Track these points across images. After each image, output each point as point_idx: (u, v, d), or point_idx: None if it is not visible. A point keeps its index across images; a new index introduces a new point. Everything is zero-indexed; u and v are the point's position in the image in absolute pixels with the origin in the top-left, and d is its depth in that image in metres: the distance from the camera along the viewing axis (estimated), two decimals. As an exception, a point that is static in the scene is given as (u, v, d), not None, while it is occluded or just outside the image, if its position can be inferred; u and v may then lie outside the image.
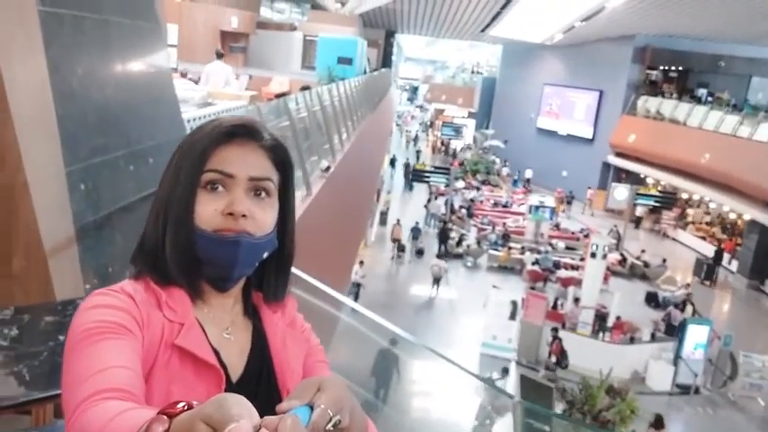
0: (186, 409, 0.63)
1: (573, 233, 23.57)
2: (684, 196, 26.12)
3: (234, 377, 0.96)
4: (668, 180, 25.25)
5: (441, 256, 19.63)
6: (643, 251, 21.62)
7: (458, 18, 28.77)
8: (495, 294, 15.20)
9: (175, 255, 0.95)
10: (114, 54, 3.13)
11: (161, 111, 3.68)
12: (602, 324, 14.90)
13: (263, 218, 0.96)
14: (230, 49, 16.85)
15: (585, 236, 22.00)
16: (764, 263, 20.63)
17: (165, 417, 0.62)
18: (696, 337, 13.75)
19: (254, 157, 0.97)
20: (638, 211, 26.46)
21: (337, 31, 20.96)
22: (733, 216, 23.79)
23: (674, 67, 29.33)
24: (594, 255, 15.65)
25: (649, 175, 26.46)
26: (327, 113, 9.10)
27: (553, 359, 13.22)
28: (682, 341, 13.68)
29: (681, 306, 16.65)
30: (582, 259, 18.80)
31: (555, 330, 13.74)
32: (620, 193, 24.36)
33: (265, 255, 0.99)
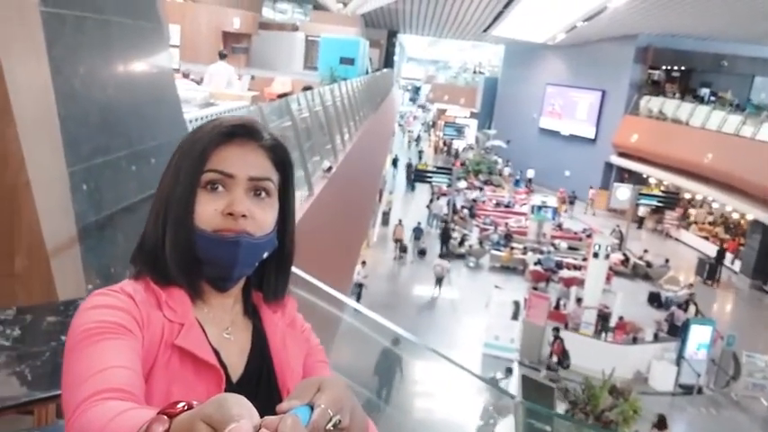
0: (186, 409, 0.63)
1: (575, 233, 23.56)
2: (687, 196, 26.08)
3: (234, 377, 0.96)
4: (671, 180, 25.21)
5: (443, 256, 19.63)
6: (646, 251, 21.59)
7: (460, 18, 28.76)
8: (497, 294, 15.19)
9: (175, 255, 0.94)
10: (116, 54, 3.14)
11: (163, 111, 3.69)
12: (604, 324, 14.89)
13: (262, 218, 0.96)
14: (232, 49, 16.85)
15: (588, 236, 21.98)
16: (767, 263, 20.60)
17: (165, 417, 0.62)
18: (699, 337, 13.72)
19: (253, 156, 0.97)
20: (641, 212, 26.42)
21: (339, 31, 20.96)
22: (736, 216, 23.75)
23: (676, 67, 29.29)
24: (597, 255, 15.65)
25: (652, 174, 26.43)
26: (329, 114, 9.10)
27: (554, 359, 13.21)
28: (684, 341, 13.66)
29: (684, 306, 16.63)
30: (584, 259, 18.79)
31: (556, 330, 13.73)
32: (623, 193, 24.32)
33: (265, 255, 0.99)
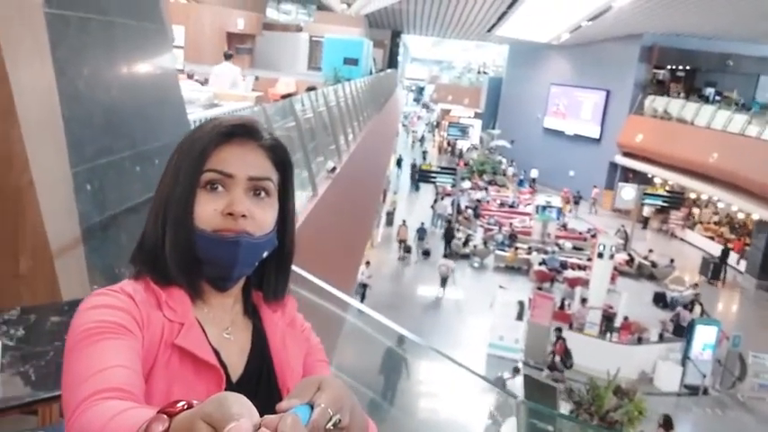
0: (186, 408, 0.63)
1: (580, 233, 23.50)
2: (692, 196, 26.00)
3: (234, 377, 0.96)
4: (676, 180, 25.13)
5: (447, 256, 19.63)
6: (651, 251, 21.53)
7: (464, 18, 28.75)
8: (501, 295, 15.16)
9: (175, 255, 0.95)
10: (120, 56, 3.15)
11: (167, 112, 3.69)
12: (609, 324, 14.85)
13: (262, 218, 0.96)
14: (236, 50, 16.88)
15: (593, 236, 21.93)
16: (773, 263, 20.53)
17: (164, 416, 0.62)
18: (704, 337, 13.67)
19: (253, 156, 0.97)
20: (646, 211, 26.34)
21: (343, 31, 20.98)
22: (741, 216, 23.66)
23: (681, 67, 29.18)
24: (602, 255, 15.61)
25: (657, 174, 26.34)
26: (333, 114, 9.11)
27: (557, 359, 13.18)
28: (690, 342, 13.61)
29: (689, 306, 16.57)
30: (589, 259, 18.75)
31: (558, 330, 13.71)
32: (628, 192, 24.26)
33: (265, 254, 0.99)
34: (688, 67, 29.11)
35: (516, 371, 11.85)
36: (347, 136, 10.12)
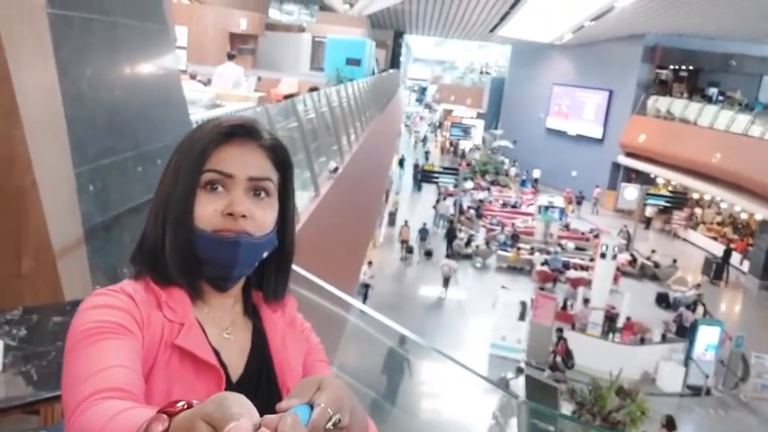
0: (186, 407, 0.63)
1: (582, 233, 23.47)
2: (695, 196, 25.95)
3: (234, 377, 0.96)
4: (679, 180, 25.09)
5: (449, 256, 19.62)
6: (653, 251, 21.49)
7: (466, 18, 28.74)
8: (504, 295, 15.15)
9: (175, 255, 0.95)
10: (123, 56, 3.15)
11: (169, 112, 3.70)
12: (611, 325, 14.83)
13: (262, 218, 0.96)
14: (239, 50, 16.90)
15: (595, 236, 21.91)
16: (776, 263, 20.48)
17: (164, 415, 0.62)
18: (707, 338, 13.65)
19: (253, 156, 0.97)
20: (648, 212, 26.31)
21: (346, 32, 20.97)
22: (744, 216, 23.61)
23: (684, 67, 29.13)
24: (604, 255, 15.59)
25: (660, 174, 26.30)
26: (336, 115, 9.11)
27: (558, 359, 13.16)
28: (693, 342, 13.59)
29: (692, 307, 16.54)
30: (592, 260, 18.72)
31: (560, 331, 13.69)
32: (630, 193, 24.22)
33: (265, 254, 0.99)
34: (691, 68, 29.06)
35: (520, 371, 11.84)
36: (349, 136, 10.12)
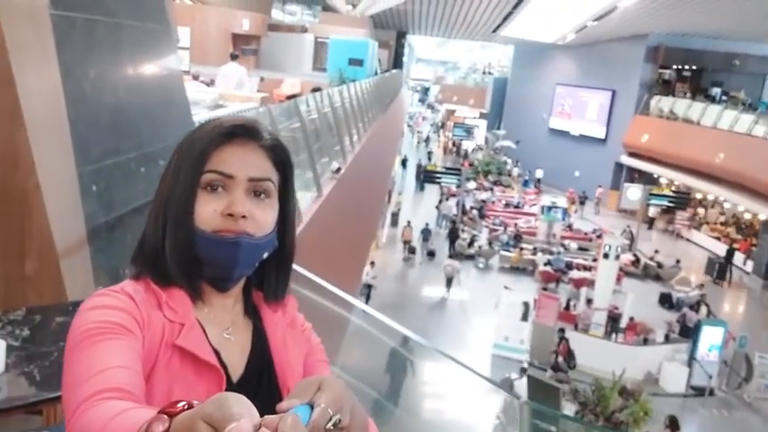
0: (186, 408, 0.63)
1: (585, 234, 23.45)
2: (698, 196, 25.89)
3: (234, 377, 0.96)
4: (682, 180, 25.04)
5: (451, 256, 19.60)
6: (656, 252, 21.45)
7: (469, 18, 28.72)
8: (506, 295, 15.14)
9: (175, 255, 0.95)
10: (126, 57, 3.16)
11: (172, 113, 3.70)
12: (614, 325, 14.80)
13: (262, 218, 0.96)
14: (242, 51, 16.92)
15: (598, 236, 21.87)
16: (780, 263, 20.43)
17: (165, 416, 0.62)
18: (711, 338, 13.61)
19: (253, 157, 0.96)
20: (651, 212, 26.26)
21: (348, 32, 20.98)
22: (748, 216, 23.55)
23: (687, 66, 29.06)
24: (607, 255, 15.56)
25: (663, 175, 26.26)
26: (338, 115, 9.11)
27: (560, 359, 13.14)
28: (696, 342, 13.56)
29: (695, 307, 16.51)
30: (594, 260, 18.68)
31: (561, 331, 13.66)
32: (633, 193, 24.17)
33: (265, 255, 0.99)
34: (694, 67, 28.99)
35: (524, 371, 11.83)
36: (352, 137, 10.12)
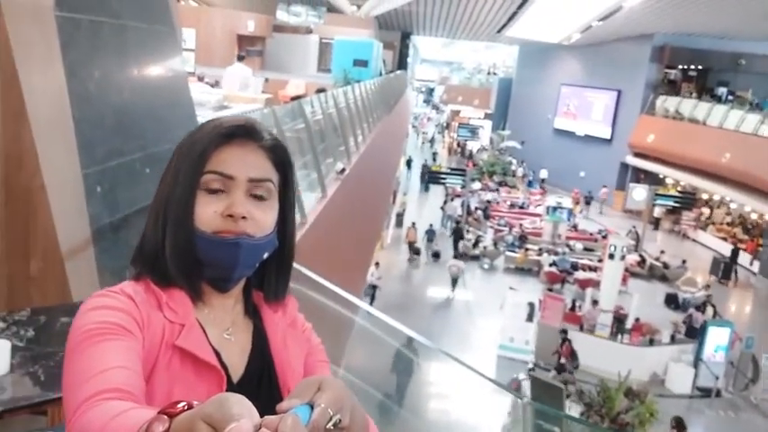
0: (186, 408, 0.63)
1: (591, 234, 23.38)
2: (705, 196, 25.79)
3: (235, 377, 0.96)
4: (688, 180, 24.95)
5: (456, 257, 19.59)
6: (662, 252, 21.37)
7: (474, 19, 28.69)
8: (512, 296, 15.11)
9: (175, 256, 0.95)
10: (131, 58, 3.17)
11: (177, 114, 3.71)
12: (620, 326, 14.76)
13: (263, 219, 0.96)
14: (247, 52, 16.96)
15: (604, 237, 21.81)
16: (787, 264, 20.34)
17: (165, 416, 0.62)
18: (717, 339, 13.56)
19: (253, 157, 0.96)
20: (657, 212, 26.17)
21: (353, 33, 21.01)
22: (754, 216, 23.44)
23: (693, 66, 28.96)
24: (613, 256, 15.51)
25: (668, 175, 26.17)
26: (343, 116, 9.11)
27: (563, 360, 13.10)
28: (702, 343, 13.50)
29: (701, 308, 16.44)
30: (600, 260, 18.63)
31: (564, 332, 13.62)
32: (639, 193, 24.10)
33: (265, 255, 0.99)
34: (700, 67, 28.88)
35: (532, 371, 11.82)
36: (357, 137, 10.12)
